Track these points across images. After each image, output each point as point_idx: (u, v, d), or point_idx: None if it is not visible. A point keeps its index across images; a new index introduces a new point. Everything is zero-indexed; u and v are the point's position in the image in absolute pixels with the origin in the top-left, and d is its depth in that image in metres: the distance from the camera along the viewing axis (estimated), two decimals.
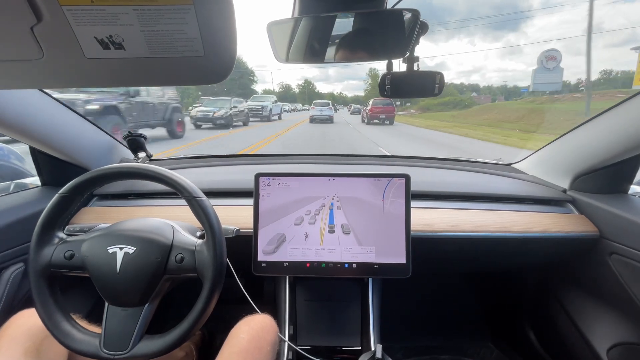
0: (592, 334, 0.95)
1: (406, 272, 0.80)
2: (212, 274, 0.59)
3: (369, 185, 0.82)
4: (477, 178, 1.18)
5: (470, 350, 1.34)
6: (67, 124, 0.95)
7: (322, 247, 0.81)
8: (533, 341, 1.20)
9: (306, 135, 10.80)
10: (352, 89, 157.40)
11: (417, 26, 0.60)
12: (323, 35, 0.65)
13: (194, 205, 0.61)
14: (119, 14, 0.28)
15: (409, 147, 8.40)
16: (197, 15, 0.28)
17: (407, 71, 0.69)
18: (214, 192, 0.98)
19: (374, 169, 1.25)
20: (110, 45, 0.30)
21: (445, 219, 0.93)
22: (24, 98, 0.80)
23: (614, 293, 0.90)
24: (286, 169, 1.24)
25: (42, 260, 0.59)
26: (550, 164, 1.11)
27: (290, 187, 0.82)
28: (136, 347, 0.57)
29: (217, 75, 0.34)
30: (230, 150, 7.05)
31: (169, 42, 0.30)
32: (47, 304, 0.58)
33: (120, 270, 0.58)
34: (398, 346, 1.34)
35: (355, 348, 0.87)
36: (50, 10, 0.27)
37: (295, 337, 0.89)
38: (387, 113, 15.28)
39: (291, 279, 0.92)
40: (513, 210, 0.98)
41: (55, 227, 0.62)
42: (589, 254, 0.93)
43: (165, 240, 0.62)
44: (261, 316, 0.73)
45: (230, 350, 0.63)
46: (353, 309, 0.91)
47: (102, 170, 0.62)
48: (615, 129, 0.84)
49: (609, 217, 0.88)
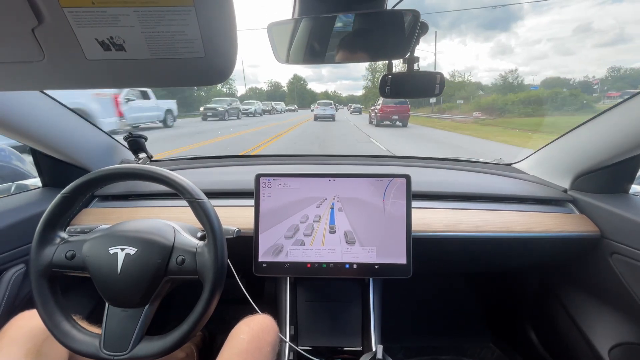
0: (594, 334, 0.95)
1: (407, 272, 0.80)
2: (213, 276, 0.59)
3: (370, 185, 0.82)
4: (477, 178, 1.17)
5: (471, 350, 1.34)
6: (67, 125, 0.95)
7: (322, 247, 0.81)
8: (534, 341, 1.20)
9: (303, 144, 7.99)
10: (345, 89, 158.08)
11: (418, 27, 0.60)
12: (323, 36, 0.65)
13: (195, 207, 0.61)
14: (120, 15, 0.28)
15: None
16: (197, 16, 0.28)
17: (407, 71, 0.70)
18: (215, 193, 0.98)
19: (374, 169, 1.24)
20: (111, 46, 0.30)
21: (445, 219, 0.92)
22: (25, 100, 0.80)
23: (615, 293, 0.90)
24: (287, 169, 1.24)
25: (44, 259, 0.59)
26: (551, 163, 1.11)
27: (291, 187, 0.82)
28: (136, 348, 0.57)
29: (217, 76, 0.34)
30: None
31: (169, 43, 0.30)
32: (48, 303, 0.58)
33: (121, 271, 0.58)
34: (399, 346, 1.34)
35: (356, 348, 0.87)
36: (51, 11, 0.27)
37: (296, 337, 0.89)
38: (401, 113, 13.21)
39: (292, 280, 0.92)
40: (514, 210, 0.97)
41: (57, 227, 0.62)
42: (590, 254, 0.93)
43: (166, 242, 0.62)
44: (261, 316, 0.73)
45: (230, 351, 0.63)
46: (354, 310, 0.91)
47: (103, 171, 0.62)
48: (616, 128, 0.84)
49: (610, 216, 0.88)
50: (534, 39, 52.68)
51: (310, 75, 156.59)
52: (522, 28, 56.80)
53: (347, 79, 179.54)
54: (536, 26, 57.67)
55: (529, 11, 57.55)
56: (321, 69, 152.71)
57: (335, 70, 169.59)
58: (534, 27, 58.52)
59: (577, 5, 50.71)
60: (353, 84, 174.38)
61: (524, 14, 55.44)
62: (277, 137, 9.33)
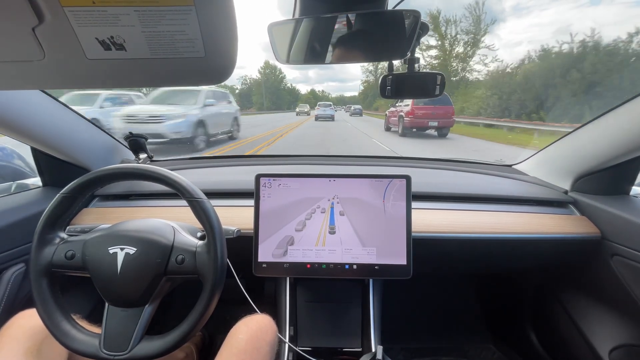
0: (594, 336, 0.95)
1: (407, 273, 0.80)
2: (213, 275, 0.59)
3: (370, 186, 0.81)
4: (478, 179, 1.17)
5: (471, 352, 1.34)
6: (68, 124, 0.95)
7: (322, 248, 0.81)
8: (534, 343, 1.20)
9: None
10: (332, 90, 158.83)
11: (418, 27, 0.60)
12: (324, 36, 0.65)
13: (195, 206, 0.61)
14: (120, 14, 0.28)
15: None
16: (198, 16, 0.28)
17: (408, 72, 0.70)
18: (215, 193, 0.98)
19: (374, 169, 1.24)
20: (111, 46, 0.30)
21: (446, 220, 0.92)
22: (25, 99, 0.80)
23: (615, 295, 0.89)
24: (287, 169, 1.24)
25: (43, 259, 0.59)
26: (552, 165, 1.11)
27: (291, 187, 0.82)
28: (136, 348, 0.57)
29: (218, 75, 0.34)
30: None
31: (170, 43, 0.30)
32: (48, 303, 0.58)
33: (121, 271, 0.58)
34: (399, 347, 1.33)
35: (355, 349, 0.87)
36: (52, 11, 0.27)
37: (295, 338, 0.88)
38: (441, 117, 8.56)
39: (292, 280, 0.92)
40: (514, 211, 0.97)
41: (57, 227, 0.62)
42: (591, 256, 0.93)
43: (166, 241, 0.62)
44: (260, 316, 0.73)
45: (229, 351, 0.63)
46: (354, 310, 0.91)
47: (103, 171, 0.62)
48: (616, 130, 0.84)
49: (611, 218, 0.87)
50: (515, 41, 52.35)
51: (298, 77, 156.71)
52: (503, 30, 57.04)
53: (334, 80, 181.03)
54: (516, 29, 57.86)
55: (510, 14, 57.90)
56: (308, 70, 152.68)
57: (322, 71, 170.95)
58: (514, 30, 58.74)
59: (556, 8, 50.18)
60: (340, 85, 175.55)
61: (505, 17, 55.86)
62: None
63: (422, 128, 8.50)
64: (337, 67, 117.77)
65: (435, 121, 8.37)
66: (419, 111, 8.45)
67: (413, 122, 8.49)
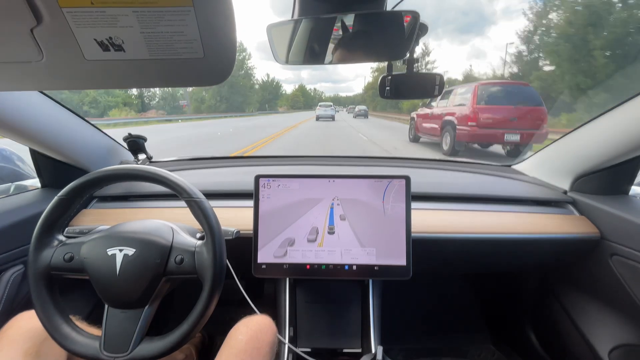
0: (594, 336, 0.95)
1: (407, 273, 0.79)
2: (212, 275, 0.59)
3: (369, 186, 0.81)
4: (477, 179, 1.17)
5: (471, 352, 1.34)
6: (67, 125, 0.95)
7: (322, 248, 0.81)
8: (534, 343, 1.20)
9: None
10: (325, 90, 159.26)
11: (417, 28, 0.60)
12: (323, 37, 0.65)
13: (193, 206, 0.61)
14: (119, 15, 0.28)
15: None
16: (197, 17, 0.28)
17: (407, 72, 0.70)
18: (214, 194, 0.98)
19: (374, 170, 1.24)
20: (110, 47, 0.30)
21: (445, 221, 0.92)
22: (23, 100, 0.80)
23: (615, 294, 0.90)
24: (286, 170, 1.24)
25: (42, 262, 0.59)
26: (551, 165, 1.11)
27: (290, 188, 0.82)
28: (136, 349, 0.57)
29: (216, 76, 0.34)
30: None
31: (168, 43, 0.30)
32: (47, 306, 0.58)
33: (120, 272, 0.58)
34: (398, 348, 1.33)
35: (355, 350, 0.87)
36: (50, 12, 0.27)
37: (295, 339, 0.88)
38: (526, 128, 4.74)
39: (291, 281, 0.92)
40: (513, 211, 0.97)
41: (55, 230, 0.62)
42: (590, 256, 0.93)
43: (164, 242, 0.62)
44: (259, 317, 0.73)
45: (228, 352, 0.63)
46: (353, 311, 0.91)
47: (101, 172, 0.62)
48: (615, 130, 0.84)
49: (610, 218, 0.87)
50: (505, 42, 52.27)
51: (290, 78, 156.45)
52: (494, 32, 57.03)
53: (327, 81, 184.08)
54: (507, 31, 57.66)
55: (500, 16, 57.84)
56: (300, 71, 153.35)
57: (315, 72, 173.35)
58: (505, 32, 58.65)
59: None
60: (333, 87, 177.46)
61: (496, 19, 55.78)
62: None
63: (490, 140, 4.88)
64: (329, 68, 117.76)
65: (516, 134, 4.62)
66: (487, 115, 4.72)
67: (475, 134, 4.68)
